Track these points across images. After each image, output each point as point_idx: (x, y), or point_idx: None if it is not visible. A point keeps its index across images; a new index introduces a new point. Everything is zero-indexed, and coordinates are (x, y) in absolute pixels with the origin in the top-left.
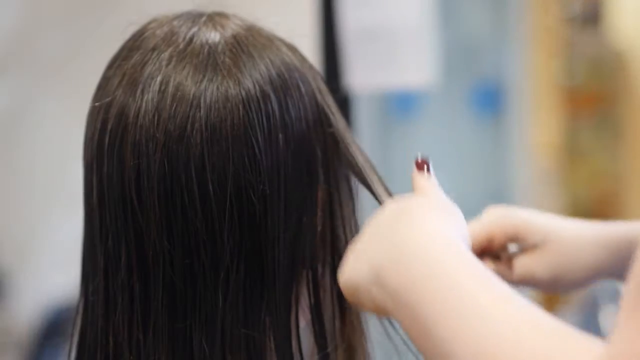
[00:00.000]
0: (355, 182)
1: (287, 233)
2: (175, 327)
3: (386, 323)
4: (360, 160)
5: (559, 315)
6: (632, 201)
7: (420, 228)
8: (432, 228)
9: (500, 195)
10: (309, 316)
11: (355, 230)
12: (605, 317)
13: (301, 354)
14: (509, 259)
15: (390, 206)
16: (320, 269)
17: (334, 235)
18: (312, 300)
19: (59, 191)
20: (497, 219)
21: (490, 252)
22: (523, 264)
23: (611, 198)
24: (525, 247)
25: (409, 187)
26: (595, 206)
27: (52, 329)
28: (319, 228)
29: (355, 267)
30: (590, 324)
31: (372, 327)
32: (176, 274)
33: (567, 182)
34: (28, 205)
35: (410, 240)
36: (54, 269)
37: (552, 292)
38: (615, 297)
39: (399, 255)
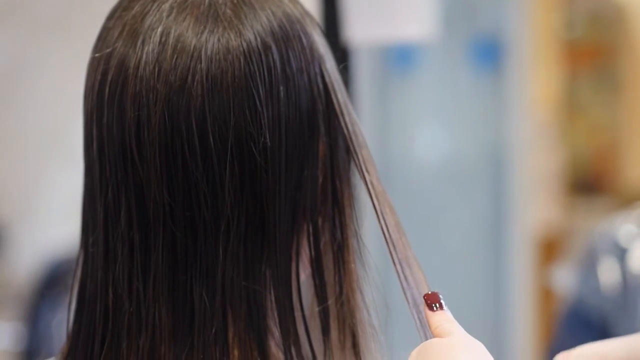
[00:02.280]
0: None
1: (288, 185)
2: (175, 279)
3: (385, 277)
4: (349, 122)
5: (559, 269)
6: (631, 155)
7: None
8: None
9: (499, 150)
10: (309, 269)
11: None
12: (604, 270)
13: (301, 306)
14: None
15: (416, 356)
16: (320, 222)
17: (335, 188)
18: (313, 254)
19: (59, 144)
20: None
21: None
22: None
23: (610, 152)
24: None
25: (406, 140)
26: (594, 160)
27: (51, 281)
28: (320, 181)
29: None
30: (590, 277)
31: (372, 281)
32: (176, 226)
33: (566, 136)
34: (27, 158)
35: None
36: (54, 221)
37: None
38: (613, 250)
39: None
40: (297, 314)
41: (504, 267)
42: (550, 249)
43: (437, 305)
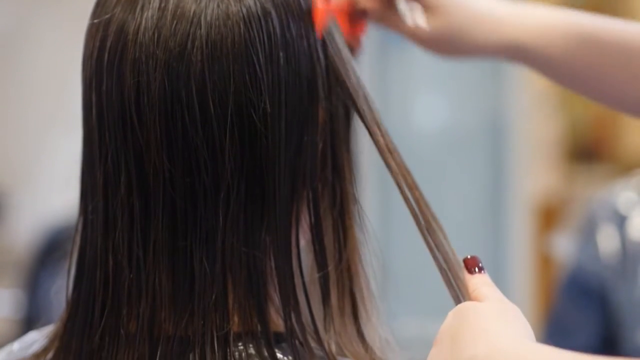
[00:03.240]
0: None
1: (288, 152)
2: (175, 246)
3: (384, 244)
4: (354, 84)
5: (558, 237)
6: (630, 122)
7: (488, 342)
8: (498, 339)
9: (498, 118)
10: (309, 235)
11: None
12: (603, 237)
13: (301, 273)
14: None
15: (452, 318)
16: (320, 188)
17: (335, 155)
18: (313, 220)
19: (60, 111)
20: None
21: None
22: (413, 17)
23: (609, 119)
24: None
25: (406, 109)
26: (593, 127)
27: (51, 249)
28: (320, 147)
29: None
30: (589, 245)
31: (372, 247)
32: (176, 192)
33: (565, 103)
34: (27, 126)
35: (489, 354)
36: (54, 188)
37: (429, 51)
38: (612, 217)
39: None
40: (297, 280)
41: (503, 235)
42: (549, 217)
43: (477, 269)
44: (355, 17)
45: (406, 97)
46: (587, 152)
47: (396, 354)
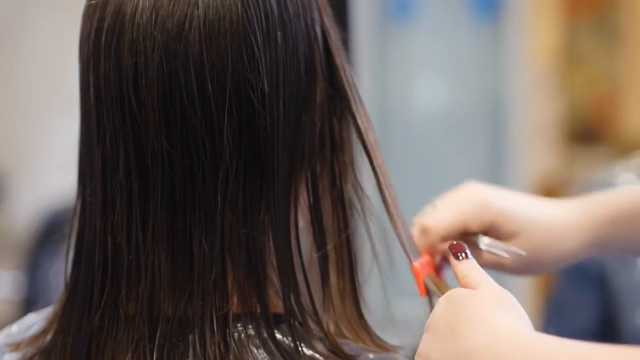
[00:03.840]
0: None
1: (286, 132)
2: (174, 227)
3: (383, 225)
4: (345, 74)
5: None
6: (630, 104)
7: (487, 331)
8: (497, 328)
9: (498, 99)
10: (308, 216)
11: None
12: None
13: (300, 253)
14: (474, 242)
15: (445, 306)
16: (319, 169)
17: (333, 135)
18: (311, 200)
19: (57, 93)
20: (474, 209)
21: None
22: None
23: (609, 101)
24: (498, 236)
25: (405, 90)
26: (593, 109)
27: (51, 230)
28: (318, 127)
29: None
30: None
31: (371, 228)
32: (175, 174)
33: (565, 85)
34: (26, 108)
35: (483, 347)
36: (53, 170)
37: (519, 275)
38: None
39: None
40: (296, 261)
41: None
42: (549, 198)
43: (463, 254)
44: (441, 264)
45: (406, 78)
46: (587, 133)
47: (395, 335)
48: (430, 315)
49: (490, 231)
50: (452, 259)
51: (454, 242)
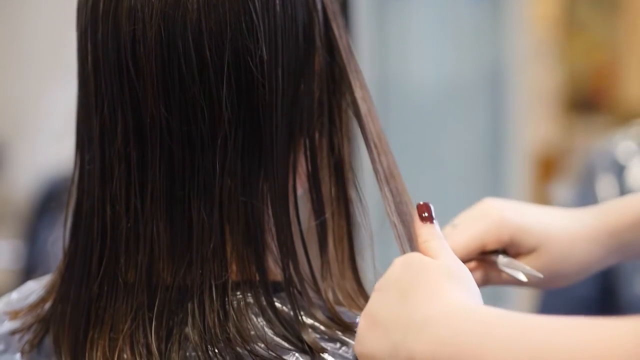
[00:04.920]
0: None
1: (285, 99)
2: (173, 195)
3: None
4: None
5: (557, 186)
6: (630, 72)
7: (442, 303)
8: (452, 301)
9: (497, 68)
10: (306, 184)
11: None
12: (602, 187)
13: (299, 221)
14: (494, 262)
15: (400, 269)
16: (317, 137)
17: (331, 103)
18: (310, 168)
19: (57, 62)
20: (492, 227)
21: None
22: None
23: (609, 69)
24: (518, 251)
25: (403, 62)
26: (592, 78)
27: (50, 199)
28: (317, 95)
29: (372, 340)
30: (588, 194)
31: (368, 195)
32: (174, 141)
33: (564, 53)
34: (27, 77)
35: (438, 318)
36: (53, 139)
37: (540, 289)
38: (612, 167)
39: (425, 333)
40: (295, 228)
41: (502, 185)
42: (548, 167)
43: (427, 213)
44: None
45: (404, 48)
46: (586, 102)
47: None
48: (384, 275)
49: (510, 247)
50: (415, 220)
51: (421, 203)
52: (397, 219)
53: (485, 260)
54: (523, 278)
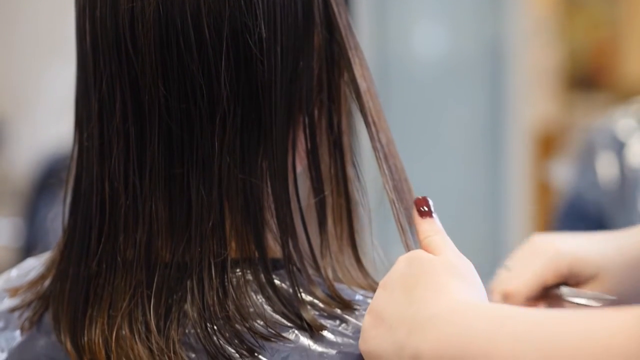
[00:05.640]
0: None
1: (284, 77)
2: (171, 172)
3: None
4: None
5: (557, 164)
6: (630, 50)
7: (447, 300)
8: (457, 298)
9: (497, 45)
10: (305, 161)
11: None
12: (602, 164)
13: (298, 198)
14: (559, 295)
15: (405, 266)
16: (316, 114)
17: (330, 80)
18: (309, 145)
19: (57, 40)
20: (549, 263)
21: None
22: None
23: (609, 47)
24: (578, 281)
25: (405, 37)
26: (592, 55)
27: (49, 177)
28: (316, 72)
29: (377, 338)
30: (588, 172)
31: (367, 173)
32: (172, 119)
33: (564, 31)
34: (25, 55)
35: (443, 316)
36: (52, 117)
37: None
38: (611, 144)
39: (431, 332)
40: (294, 206)
41: (502, 163)
42: (548, 144)
43: (426, 208)
44: None
45: (405, 25)
46: (586, 79)
47: None
48: (388, 273)
49: (569, 279)
50: (415, 215)
51: (419, 197)
52: (396, 196)
53: (548, 296)
54: (595, 304)
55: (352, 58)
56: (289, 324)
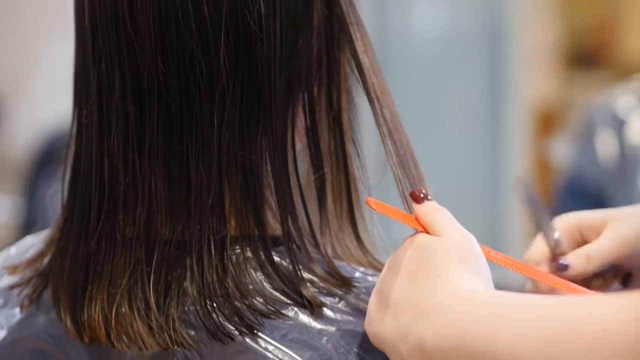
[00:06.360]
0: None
1: (283, 54)
2: (171, 150)
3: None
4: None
5: (557, 142)
6: (630, 27)
7: (451, 288)
8: (461, 285)
9: (497, 22)
10: (304, 138)
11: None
12: (602, 142)
13: (297, 176)
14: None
15: (410, 250)
16: (316, 91)
17: (330, 57)
18: (308, 122)
19: (56, 18)
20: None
21: None
22: (600, 252)
23: (609, 24)
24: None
25: (404, 13)
26: (592, 32)
27: (49, 155)
28: (315, 49)
29: (381, 322)
30: (587, 149)
31: (367, 151)
32: (171, 96)
33: (564, 8)
34: (25, 33)
35: (447, 304)
36: (52, 95)
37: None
38: (611, 122)
39: (435, 320)
40: (293, 183)
41: (502, 140)
42: (548, 122)
43: (422, 194)
44: None
45: (405, 2)
46: (586, 57)
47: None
48: (394, 253)
49: (582, 239)
50: (412, 204)
51: (414, 190)
52: (401, 172)
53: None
54: None
55: (353, 34)
56: (288, 301)
